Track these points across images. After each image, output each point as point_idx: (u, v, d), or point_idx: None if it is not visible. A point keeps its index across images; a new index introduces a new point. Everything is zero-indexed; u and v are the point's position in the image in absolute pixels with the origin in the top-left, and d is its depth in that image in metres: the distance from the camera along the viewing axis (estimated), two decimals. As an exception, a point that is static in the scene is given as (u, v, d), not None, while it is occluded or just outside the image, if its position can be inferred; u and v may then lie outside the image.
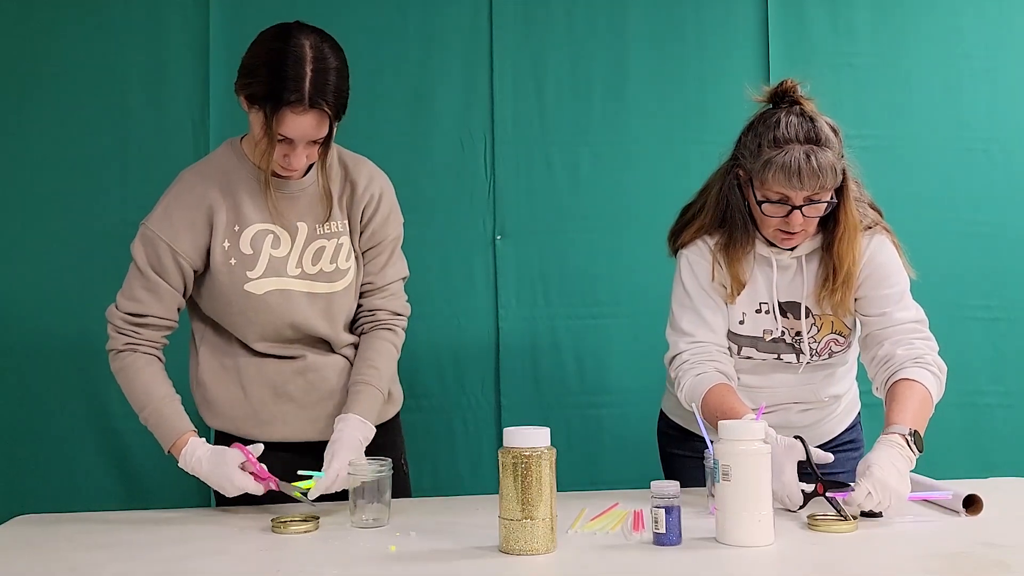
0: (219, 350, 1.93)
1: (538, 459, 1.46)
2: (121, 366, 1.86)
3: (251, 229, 1.85)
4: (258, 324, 1.87)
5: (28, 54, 2.70)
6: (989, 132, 2.86)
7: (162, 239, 1.82)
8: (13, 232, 2.68)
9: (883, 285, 1.92)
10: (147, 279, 1.84)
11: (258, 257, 1.85)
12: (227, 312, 1.87)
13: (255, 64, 1.76)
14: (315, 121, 1.73)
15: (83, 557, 1.52)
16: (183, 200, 1.85)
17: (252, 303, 1.85)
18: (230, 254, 1.84)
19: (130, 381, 1.85)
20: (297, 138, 1.75)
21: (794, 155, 1.78)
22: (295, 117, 1.72)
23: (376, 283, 1.96)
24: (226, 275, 1.84)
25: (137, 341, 1.85)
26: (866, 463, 1.68)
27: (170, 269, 1.83)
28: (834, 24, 2.85)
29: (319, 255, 1.89)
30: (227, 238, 1.84)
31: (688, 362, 1.93)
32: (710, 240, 1.97)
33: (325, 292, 1.90)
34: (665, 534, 1.50)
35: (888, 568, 1.44)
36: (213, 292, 1.86)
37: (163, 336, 1.89)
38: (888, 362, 1.88)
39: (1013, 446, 2.80)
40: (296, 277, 1.87)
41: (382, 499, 1.70)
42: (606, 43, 2.81)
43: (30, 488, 2.62)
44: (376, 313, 1.97)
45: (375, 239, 1.95)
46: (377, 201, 1.94)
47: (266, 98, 1.71)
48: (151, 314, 1.85)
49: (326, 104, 1.72)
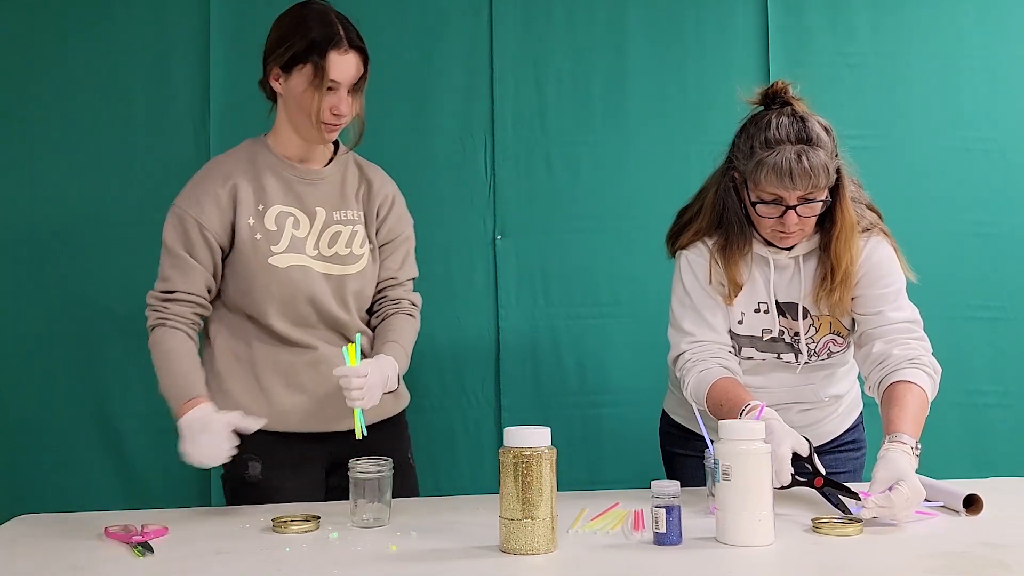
0: (234, 341, 1.98)
1: (538, 459, 1.46)
2: (152, 342, 1.93)
3: (274, 209, 1.96)
4: (279, 299, 1.94)
5: (29, 55, 2.70)
6: (989, 132, 2.86)
7: (190, 215, 1.92)
8: (14, 230, 2.68)
9: (879, 284, 1.93)
10: (176, 256, 1.92)
11: (281, 233, 1.95)
12: (251, 288, 1.94)
13: (285, 33, 1.93)
14: (356, 61, 1.91)
15: (83, 557, 1.52)
16: (210, 180, 1.96)
17: (275, 276, 1.93)
18: (255, 229, 1.94)
19: (156, 355, 1.91)
20: (344, 80, 1.90)
21: (785, 155, 1.79)
22: (340, 57, 1.88)
23: (398, 278, 2.09)
24: (251, 249, 1.93)
25: (166, 315, 1.92)
26: (894, 468, 1.65)
27: (198, 245, 1.92)
28: (833, 24, 2.85)
29: (335, 239, 2.00)
30: (252, 215, 1.94)
31: (691, 360, 1.94)
32: (709, 241, 1.98)
33: (339, 274, 1.99)
34: (665, 534, 1.50)
35: (888, 568, 1.44)
36: (238, 269, 1.94)
37: (193, 313, 1.94)
38: (883, 362, 1.88)
39: (1013, 446, 2.80)
40: (314, 257, 1.97)
41: (382, 499, 1.70)
42: (606, 43, 2.81)
43: (30, 488, 2.62)
44: (399, 301, 2.08)
45: (392, 235, 2.08)
46: (391, 201, 2.09)
47: (310, 49, 1.88)
48: (179, 289, 1.92)
49: (360, 44, 1.92)
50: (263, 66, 1.99)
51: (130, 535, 1.60)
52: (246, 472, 1.94)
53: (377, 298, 2.08)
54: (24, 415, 2.65)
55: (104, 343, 2.67)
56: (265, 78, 1.99)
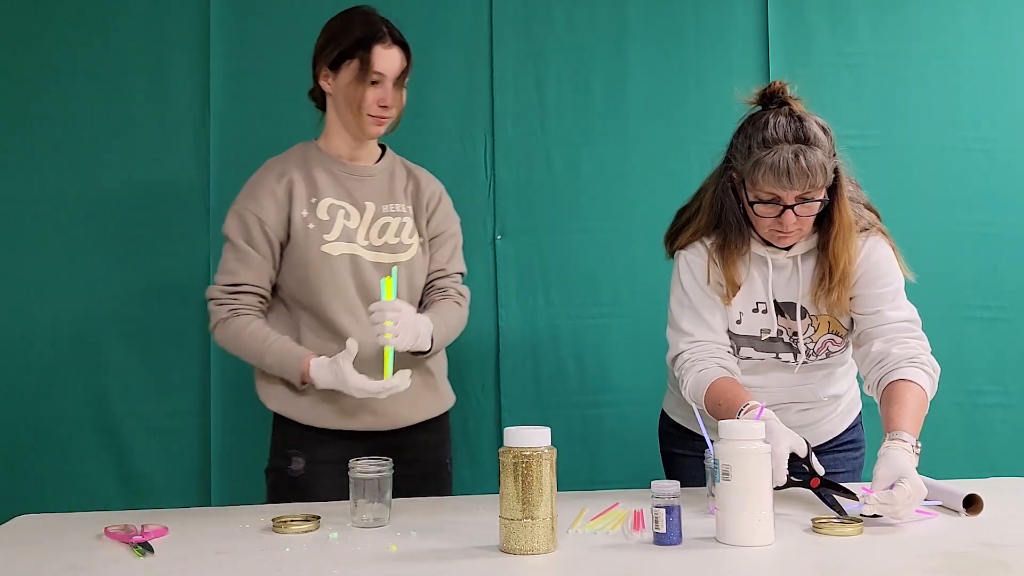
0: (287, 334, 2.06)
1: (538, 459, 1.46)
2: (228, 331, 2.03)
3: (326, 201, 2.07)
4: (332, 286, 2.03)
5: (29, 55, 2.70)
6: (989, 132, 2.86)
7: (250, 210, 2.04)
8: (14, 232, 2.68)
9: (877, 284, 1.93)
10: (239, 251, 2.04)
11: (333, 223, 2.05)
12: (306, 276, 2.03)
13: (333, 34, 2.06)
14: (399, 56, 2.05)
15: (83, 557, 1.52)
16: (266, 178, 2.08)
17: (328, 264, 2.03)
18: (308, 220, 2.04)
19: (241, 339, 2.02)
20: (388, 72, 2.03)
21: (783, 155, 1.79)
22: (384, 51, 2.02)
23: (447, 270, 2.19)
24: (304, 238, 2.03)
25: (237, 306, 2.03)
26: (896, 466, 1.65)
27: (258, 239, 2.03)
28: (833, 24, 2.85)
29: (384, 229, 2.10)
30: (305, 207, 2.05)
31: (690, 360, 1.94)
32: (707, 241, 1.98)
33: (389, 262, 2.07)
34: (665, 534, 1.50)
35: (887, 568, 1.44)
36: (293, 258, 2.05)
37: (259, 302, 2.06)
38: (882, 361, 1.88)
39: (1013, 446, 2.80)
40: (365, 247, 2.07)
41: (382, 499, 1.70)
42: (606, 43, 2.82)
43: (30, 488, 2.62)
44: (447, 290, 2.19)
45: (439, 229, 2.19)
46: (439, 198, 2.21)
47: (356, 45, 2.02)
48: (245, 282, 2.03)
49: (403, 41, 2.06)
50: (312, 71, 2.10)
51: (130, 535, 1.60)
52: (289, 467, 2.03)
53: (426, 289, 2.18)
54: (24, 415, 2.65)
55: (104, 343, 2.67)
56: (315, 83, 2.11)
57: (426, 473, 2.14)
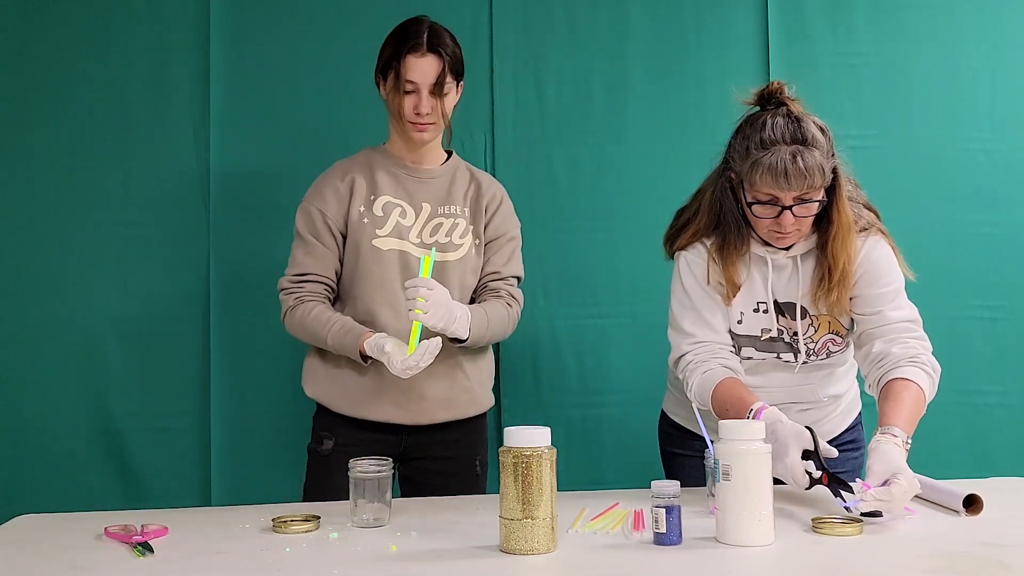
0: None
1: (538, 459, 1.46)
2: (295, 318, 2.12)
3: (383, 199, 2.16)
4: (379, 280, 2.12)
5: (29, 56, 2.70)
6: (989, 132, 2.85)
7: (314, 205, 2.15)
8: (14, 232, 2.68)
9: (877, 284, 1.93)
10: (306, 243, 2.14)
11: (387, 219, 2.14)
12: (356, 268, 2.13)
13: (382, 45, 2.14)
14: (434, 64, 2.09)
15: (83, 557, 1.52)
16: (331, 177, 2.18)
17: (377, 257, 2.12)
18: (364, 215, 2.14)
19: (306, 324, 2.10)
20: (420, 81, 2.09)
21: (780, 156, 1.79)
22: (416, 60, 2.08)
23: (503, 272, 2.23)
24: (358, 231, 2.13)
25: (302, 294, 2.13)
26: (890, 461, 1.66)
27: (323, 231, 2.14)
28: (833, 24, 2.85)
29: (437, 229, 2.17)
30: (363, 204, 2.15)
31: (693, 362, 1.94)
32: (707, 242, 1.98)
33: (438, 260, 2.11)
34: (665, 534, 1.50)
35: (887, 568, 1.44)
36: (347, 251, 2.14)
37: (325, 289, 2.15)
38: (883, 360, 1.88)
39: (1013, 446, 2.80)
40: (416, 244, 2.14)
41: (382, 499, 1.70)
42: (606, 43, 2.81)
43: (30, 488, 2.62)
44: (499, 291, 2.22)
45: (498, 232, 2.23)
46: (500, 201, 2.26)
47: (392, 55, 2.10)
48: (312, 271, 2.14)
49: (441, 50, 2.10)
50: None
51: (130, 535, 1.60)
52: (320, 446, 2.15)
53: (480, 289, 2.22)
54: (24, 415, 2.65)
55: (104, 343, 2.67)
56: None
57: (456, 471, 2.19)
